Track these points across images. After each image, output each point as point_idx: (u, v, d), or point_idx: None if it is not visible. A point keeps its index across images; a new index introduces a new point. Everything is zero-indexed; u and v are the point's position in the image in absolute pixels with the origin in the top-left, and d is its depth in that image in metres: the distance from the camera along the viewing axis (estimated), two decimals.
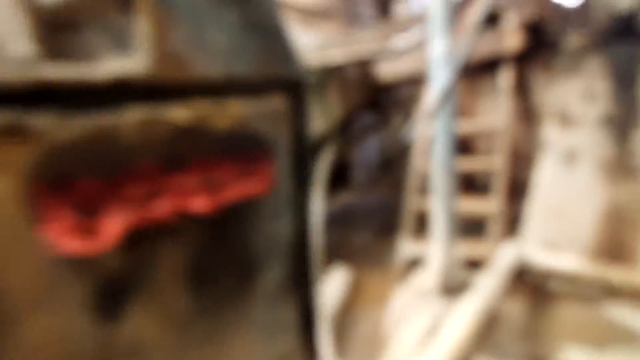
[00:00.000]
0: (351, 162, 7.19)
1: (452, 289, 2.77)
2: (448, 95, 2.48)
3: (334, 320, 3.29)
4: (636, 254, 3.14)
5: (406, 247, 3.85)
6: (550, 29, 4.39)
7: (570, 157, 3.34)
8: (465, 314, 2.32)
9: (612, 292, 3.14)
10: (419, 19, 5.40)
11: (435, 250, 2.72)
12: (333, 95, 4.18)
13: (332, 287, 3.61)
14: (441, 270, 2.67)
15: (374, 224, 5.43)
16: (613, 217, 3.22)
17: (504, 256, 3.16)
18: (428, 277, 2.75)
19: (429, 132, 3.20)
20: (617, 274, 3.04)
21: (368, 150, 7.46)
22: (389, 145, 8.00)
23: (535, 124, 4.38)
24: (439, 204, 2.63)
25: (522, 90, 4.41)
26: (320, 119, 4.06)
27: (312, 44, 5.46)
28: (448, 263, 2.71)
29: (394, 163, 8.46)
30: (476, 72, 4.60)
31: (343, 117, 4.37)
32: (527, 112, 4.39)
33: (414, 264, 3.72)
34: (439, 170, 2.61)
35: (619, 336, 2.83)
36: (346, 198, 6.83)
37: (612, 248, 3.21)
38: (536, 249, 3.28)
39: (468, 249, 3.63)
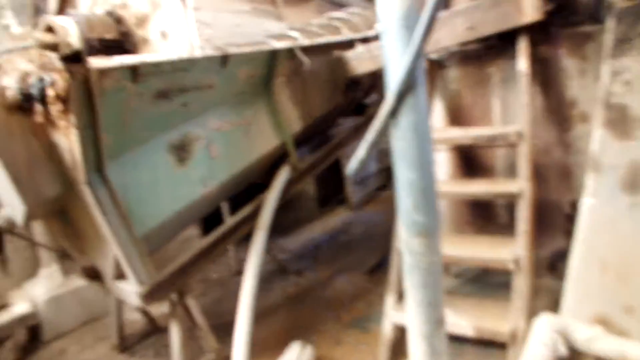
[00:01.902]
0: (344, 175, 6.02)
1: None
2: (410, 85, 1.30)
3: None
4: None
5: (392, 313, 2.66)
6: None
7: (635, 183, 2.11)
8: None
9: None
10: None
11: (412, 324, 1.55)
12: (286, 96, 3.02)
13: None
14: None
15: (366, 257, 4.24)
16: None
17: (538, 338, 1.95)
18: None
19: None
20: None
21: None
22: (388, 151, 6.79)
23: (573, 129, 3.13)
24: (408, 258, 1.46)
25: (551, 79, 3.18)
26: (267, 129, 2.91)
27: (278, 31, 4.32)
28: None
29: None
30: (485, 56, 3.38)
31: (305, 124, 3.20)
32: (561, 111, 3.15)
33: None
34: (403, 193, 1.44)
35: None
36: (336, 221, 5.65)
37: None
38: (587, 326, 2.06)
39: (479, 319, 2.43)
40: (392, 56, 1.35)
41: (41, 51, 4.18)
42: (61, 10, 5.47)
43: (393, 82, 1.34)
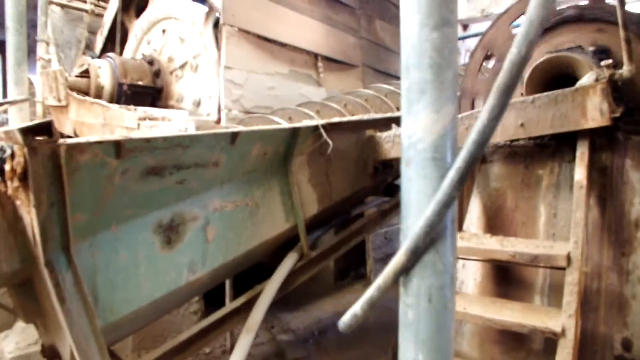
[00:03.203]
0: (367, 249, 5.61)
1: None
2: (434, 239, 0.94)
3: None
4: None
5: None
6: None
7: None
8: None
9: None
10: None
11: None
12: (305, 177, 2.72)
13: None
14: None
15: (376, 355, 3.78)
16: None
17: None
18: None
19: None
20: None
21: (389, 235, 5.86)
22: None
23: (634, 254, 2.67)
24: None
25: (611, 192, 2.75)
26: (277, 211, 2.59)
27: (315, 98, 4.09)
28: None
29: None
30: (536, 155, 3.00)
31: (323, 207, 2.87)
32: (620, 231, 2.70)
33: None
34: None
35: None
36: (351, 300, 5.18)
37: None
38: None
39: None
40: (412, 195, 1.01)
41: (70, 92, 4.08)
42: (105, 49, 5.50)
43: (410, 231, 0.99)
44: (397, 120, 3.31)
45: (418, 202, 0.99)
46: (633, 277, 2.67)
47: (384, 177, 3.49)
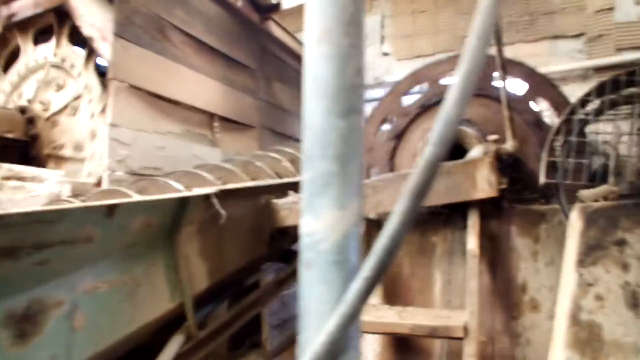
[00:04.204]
0: (262, 315, 5.32)
1: None
2: (335, 354, 0.78)
3: None
4: None
5: None
6: (536, 165, 2.94)
7: None
8: None
9: None
10: None
11: None
12: (194, 249, 2.48)
13: None
14: None
15: None
16: None
17: None
18: None
19: None
20: None
21: (286, 299, 5.65)
22: None
23: (523, 317, 2.76)
24: None
25: (500, 259, 2.86)
26: (161, 289, 2.31)
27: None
28: None
29: None
30: (429, 223, 3.06)
31: (214, 281, 2.63)
32: (509, 296, 2.79)
33: None
34: None
35: None
36: None
37: None
38: None
39: None
40: (312, 302, 0.87)
41: None
42: None
43: (309, 345, 0.84)
44: (294, 186, 3.22)
45: (319, 311, 0.85)
46: (522, 340, 2.75)
47: (281, 244, 3.34)
